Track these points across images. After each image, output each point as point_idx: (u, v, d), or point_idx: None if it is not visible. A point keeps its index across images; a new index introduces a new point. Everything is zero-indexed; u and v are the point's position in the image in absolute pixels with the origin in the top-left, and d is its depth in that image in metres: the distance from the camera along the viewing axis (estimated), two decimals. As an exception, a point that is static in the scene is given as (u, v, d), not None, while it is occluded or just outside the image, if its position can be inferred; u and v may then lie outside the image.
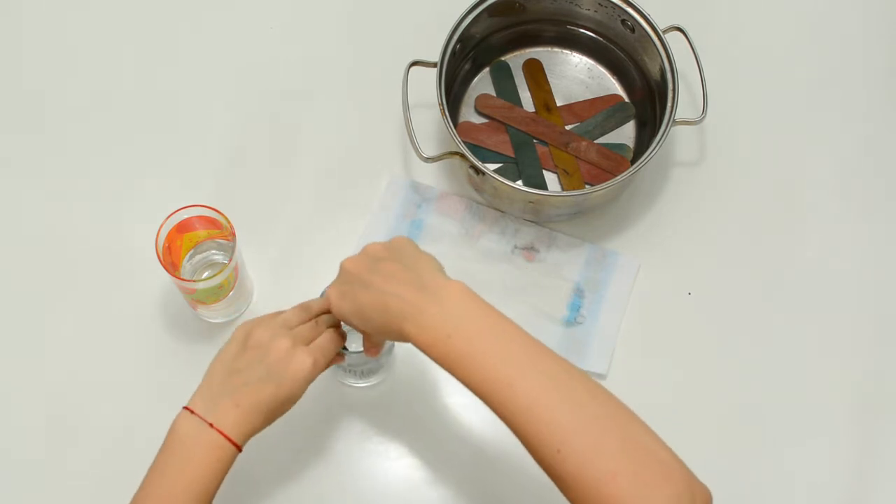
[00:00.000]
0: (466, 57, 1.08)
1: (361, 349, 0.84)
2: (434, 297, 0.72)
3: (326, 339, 0.81)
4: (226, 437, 0.76)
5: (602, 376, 0.98)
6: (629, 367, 0.98)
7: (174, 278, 0.88)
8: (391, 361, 0.96)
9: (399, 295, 0.73)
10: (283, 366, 0.77)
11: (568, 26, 1.10)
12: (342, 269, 0.79)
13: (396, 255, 0.76)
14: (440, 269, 0.76)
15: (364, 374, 0.95)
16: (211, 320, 1.00)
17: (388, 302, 0.73)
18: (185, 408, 0.78)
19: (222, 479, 0.77)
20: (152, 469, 0.77)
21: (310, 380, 0.79)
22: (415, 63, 1.02)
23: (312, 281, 0.88)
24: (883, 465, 0.96)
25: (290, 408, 0.79)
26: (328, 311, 0.81)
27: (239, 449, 0.77)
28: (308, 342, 0.80)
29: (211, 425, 0.76)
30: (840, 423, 0.98)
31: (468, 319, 0.71)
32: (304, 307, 0.82)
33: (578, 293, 1.01)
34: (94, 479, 0.94)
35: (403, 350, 0.94)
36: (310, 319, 0.82)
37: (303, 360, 0.78)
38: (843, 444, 0.97)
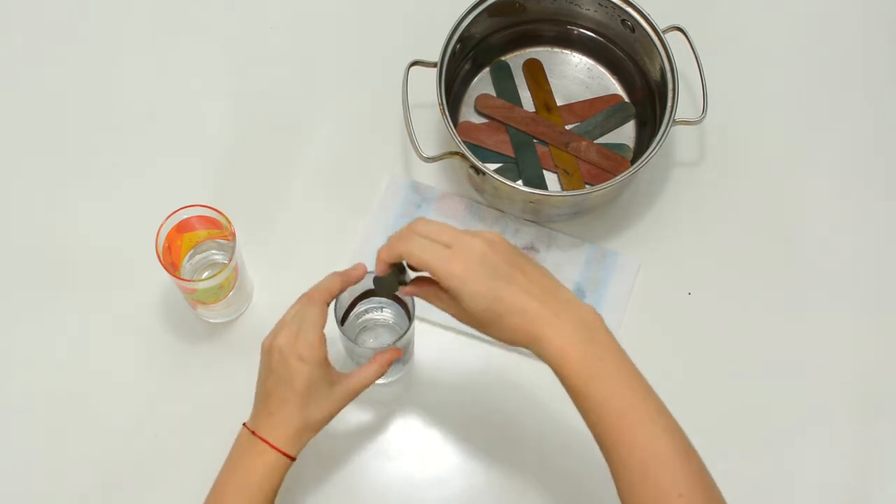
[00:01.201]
0: (466, 57, 1.08)
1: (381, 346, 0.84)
2: (578, 316, 0.73)
3: (309, 321, 0.81)
4: (267, 442, 0.79)
5: (602, 376, 0.98)
6: (629, 367, 0.98)
7: (174, 278, 0.88)
8: (411, 360, 0.96)
9: (543, 301, 0.73)
10: (285, 364, 0.80)
11: (568, 26, 1.10)
12: (481, 252, 0.73)
13: (525, 255, 0.76)
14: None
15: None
16: (211, 320, 1.00)
17: (528, 304, 0.72)
18: (243, 423, 0.83)
19: (274, 486, 0.80)
20: (216, 483, 0.81)
21: (308, 357, 0.79)
22: (415, 63, 1.02)
23: (312, 281, 0.88)
24: (883, 465, 0.96)
25: (321, 398, 0.80)
26: (339, 288, 0.83)
27: (286, 455, 0.80)
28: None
29: (253, 433, 0.80)
30: (840, 422, 0.98)
31: (606, 348, 0.73)
32: (305, 297, 0.83)
33: (579, 293, 1.01)
34: (94, 479, 0.94)
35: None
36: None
37: (292, 345, 0.79)
38: (843, 444, 0.97)
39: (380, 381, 0.97)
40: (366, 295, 0.90)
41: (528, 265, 0.75)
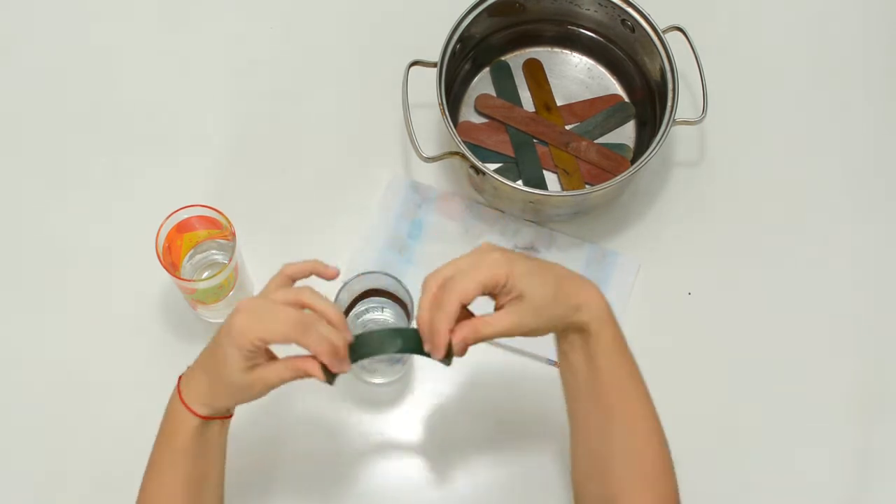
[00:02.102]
0: (466, 57, 1.08)
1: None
2: (597, 293, 0.77)
3: (283, 316, 0.73)
4: (183, 402, 0.77)
5: (602, 376, 0.98)
6: (629, 367, 0.98)
7: (174, 278, 0.88)
8: (411, 360, 0.96)
9: (575, 282, 0.77)
10: (225, 327, 0.74)
11: (568, 26, 1.10)
12: (499, 251, 0.75)
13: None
14: None
15: (383, 371, 0.96)
16: (211, 320, 1.00)
17: (567, 287, 0.76)
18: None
19: (193, 443, 0.77)
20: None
21: (236, 344, 0.72)
22: (415, 63, 1.02)
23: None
24: (883, 465, 0.96)
25: (231, 375, 0.74)
26: (305, 272, 0.79)
27: (197, 415, 0.76)
28: (262, 315, 0.73)
29: (179, 392, 0.78)
30: (840, 423, 0.98)
31: (616, 324, 0.78)
32: (280, 273, 0.78)
33: (578, 293, 1.01)
34: (94, 480, 0.94)
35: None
36: (285, 284, 0.77)
37: (230, 323, 0.73)
38: (843, 444, 0.97)
39: (379, 381, 0.97)
40: (365, 295, 0.90)
41: (541, 259, 0.80)
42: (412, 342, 0.75)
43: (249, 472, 0.92)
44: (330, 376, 0.75)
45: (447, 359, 0.74)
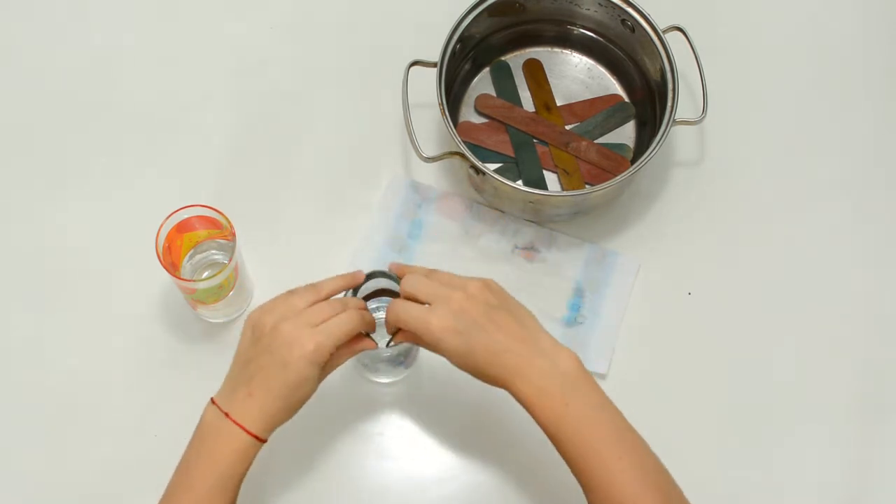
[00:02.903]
0: (466, 57, 1.08)
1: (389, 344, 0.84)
2: (552, 362, 0.77)
3: (336, 322, 0.79)
4: (241, 426, 0.77)
5: (602, 376, 0.98)
6: (629, 367, 0.98)
7: (174, 278, 0.88)
8: (416, 357, 0.96)
9: (515, 352, 0.77)
10: (288, 350, 0.77)
11: (568, 26, 1.10)
12: (454, 305, 0.78)
13: (505, 302, 0.80)
14: (540, 325, 0.80)
15: (386, 371, 0.96)
16: (211, 320, 1.00)
17: (503, 356, 0.77)
18: (212, 399, 0.80)
19: (244, 469, 0.78)
20: (182, 460, 0.79)
21: (316, 362, 0.78)
22: (415, 63, 1.02)
23: (312, 281, 0.88)
24: (883, 465, 0.96)
25: (306, 394, 0.79)
26: (342, 288, 0.83)
27: (259, 439, 0.78)
28: (316, 324, 0.79)
29: (227, 415, 0.77)
30: (840, 422, 0.98)
31: (583, 392, 0.77)
32: (312, 288, 0.82)
33: (579, 293, 1.01)
34: (94, 480, 0.94)
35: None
36: (319, 301, 0.81)
37: (303, 344, 0.77)
38: (842, 444, 0.97)
39: (383, 380, 0.97)
40: (374, 295, 0.90)
41: (504, 316, 0.78)
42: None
43: (248, 472, 0.92)
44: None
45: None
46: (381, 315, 0.94)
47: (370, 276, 0.87)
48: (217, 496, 0.77)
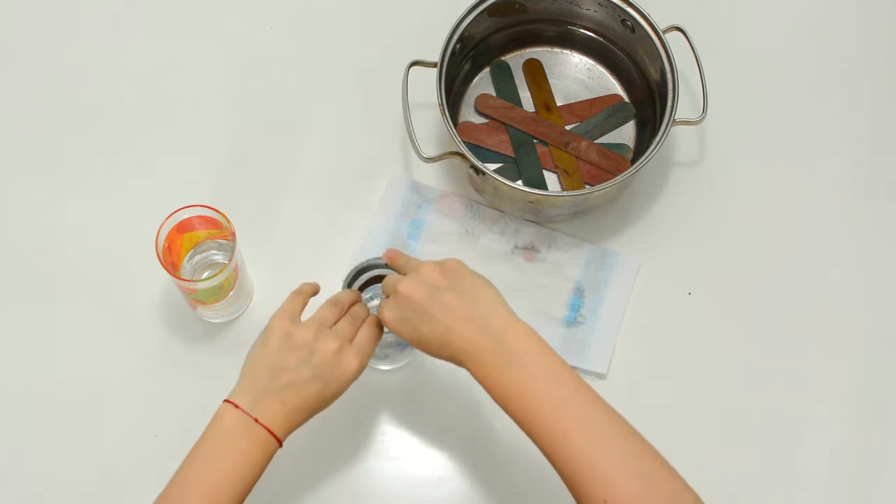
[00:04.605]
0: (466, 57, 1.08)
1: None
2: (497, 339, 0.76)
3: (367, 336, 0.83)
4: (271, 432, 0.77)
5: (602, 376, 0.98)
6: (629, 367, 0.99)
7: (174, 278, 0.88)
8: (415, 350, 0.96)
9: (461, 334, 0.76)
10: (331, 368, 0.79)
11: (568, 26, 1.10)
12: (400, 294, 0.79)
13: (455, 283, 0.79)
14: (500, 300, 0.79)
15: (394, 356, 0.96)
16: (211, 320, 1.00)
17: (450, 339, 0.77)
18: (228, 401, 0.79)
19: (262, 472, 0.79)
20: (193, 459, 0.78)
21: (355, 380, 0.81)
22: (415, 63, 1.02)
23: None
24: (883, 465, 0.96)
25: (330, 405, 0.81)
26: (357, 300, 0.85)
27: (280, 444, 0.79)
28: (350, 339, 0.81)
29: (256, 420, 0.77)
30: (840, 422, 0.98)
31: (529, 364, 0.75)
32: (334, 302, 0.84)
33: (579, 293, 1.01)
34: (94, 480, 0.94)
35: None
36: (343, 314, 0.83)
37: (350, 362, 0.80)
38: (842, 444, 0.97)
39: (385, 367, 0.97)
40: (370, 282, 0.90)
41: (451, 297, 0.77)
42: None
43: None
44: None
45: None
46: (375, 303, 0.95)
47: (365, 270, 0.88)
48: (238, 497, 0.77)
